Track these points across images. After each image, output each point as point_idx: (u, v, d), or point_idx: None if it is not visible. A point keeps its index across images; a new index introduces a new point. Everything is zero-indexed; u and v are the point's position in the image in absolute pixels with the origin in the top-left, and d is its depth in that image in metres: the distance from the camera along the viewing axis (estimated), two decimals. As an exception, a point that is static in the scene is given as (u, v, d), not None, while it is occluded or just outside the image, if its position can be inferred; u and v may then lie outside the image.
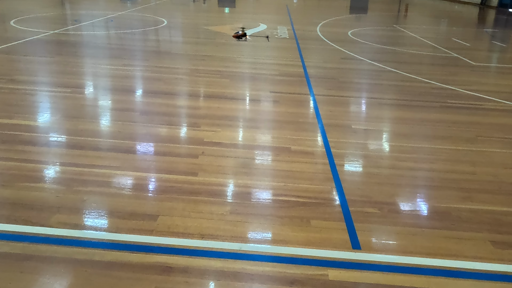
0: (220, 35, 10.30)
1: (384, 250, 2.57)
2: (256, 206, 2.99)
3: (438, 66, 7.79)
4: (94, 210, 2.85)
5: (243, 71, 6.93)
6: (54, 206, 2.87)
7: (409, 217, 2.93)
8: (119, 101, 5.18)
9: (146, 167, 3.50)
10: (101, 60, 7.25)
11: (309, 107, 5.19)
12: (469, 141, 4.28)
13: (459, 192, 3.28)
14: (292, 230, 2.72)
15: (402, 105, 5.39)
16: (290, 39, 10.13)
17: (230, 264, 2.39)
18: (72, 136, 4.06)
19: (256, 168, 3.57)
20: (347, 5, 22.05)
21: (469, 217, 2.94)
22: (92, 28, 10.67)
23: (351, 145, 4.12)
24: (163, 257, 2.42)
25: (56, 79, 5.98)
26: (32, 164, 3.46)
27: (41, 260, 2.36)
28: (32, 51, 7.67)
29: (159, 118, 4.62)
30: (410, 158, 3.87)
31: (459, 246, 2.62)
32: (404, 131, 4.52)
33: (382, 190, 3.27)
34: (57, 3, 16.37)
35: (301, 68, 7.17)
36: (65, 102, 5.03)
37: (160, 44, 9.09)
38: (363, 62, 7.84)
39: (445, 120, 4.88)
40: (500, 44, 10.70)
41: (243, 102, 5.35)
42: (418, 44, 10.00)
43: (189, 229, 2.68)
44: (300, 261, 2.45)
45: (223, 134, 4.24)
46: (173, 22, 12.52)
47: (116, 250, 2.47)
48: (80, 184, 3.18)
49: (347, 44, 9.70)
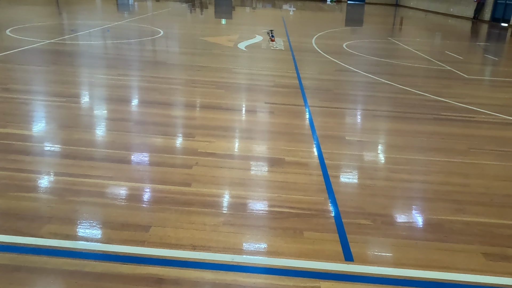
0: (216, 46, 10.38)
1: (377, 262, 2.57)
2: (249, 217, 2.98)
3: (432, 79, 7.88)
4: (86, 221, 2.83)
5: (238, 82, 6.97)
6: (45, 216, 2.85)
7: (402, 229, 2.93)
8: (114, 111, 5.18)
9: (140, 177, 3.49)
10: (97, 70, 7.27)
11: (303, 119, 5.21)
12: (462, 153, 4.31)
13: (452, 204, 3.29)
14: (285, 242, 2.72)
15: (396, 117, 5.44)
16: (285, 51, 10.23)
17: (222, 276, 2.37)
18: (65, 145, 4.04)
19: (250, 179, 3.57)
20: (343, 17, 22.36)
21: (461, 229, 2.95)
22: (89, 37, 10.71)
23: (345, 156, 4.14)
24: (155, 269, 2.40)
25: (51, 89, 5.98)
26: (25, 173, 3.44)
27: (30, 271, 2.33)
28: (27, 60, 7.67)
29: (153, 128, 4.62)
30: (404, 170, 3.89)
31: (452, 258, 2.63)
32: (398, 143, 4.55)
33: (376, 202, 3.27)
34: (54, 12, 16.45)
35: (296, 80, 7.23)
36: (60, 111, 5.03)
37: (156, 54, 9.14)
38: (357, 74, 7.92)
39: (439, 132, 4.93)
40: (492, 58, 10.87)
41: (238, 112, 5.37)
42: (412, 57, 10.13)
43: (181, 240, 2.67)
44: (292, 273, 2.43)
45: (217, 144, 4.24)
46: (169, 32, 12.61)
47: (107, 261, 2.44)
48: (72, 194, 3.15)
49: (342, 56, 9.81)
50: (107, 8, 20.23)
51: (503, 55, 11.63)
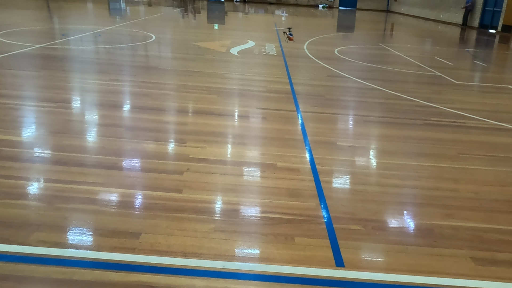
0: (208, 51, 10.39)
1: (368, 267, 2.58)
2: (240, 224, 2.97)
3: (422, 84, 7.98)
4: (76, 228, 2.80)
5: (230, 87, 6.98)
6: (34, 223, 2.81)
7: (393, 234, 2.95)
8: (104, 116, 5.15)
9: (130, 183, 3.47)
10: (88, 75, 7.22)
11: (295, 124, 5.23)
12: (452, 159, 4.36)
13: (442, 209, 3.32)
14: (276, 248, 2.71)
15: (387, 123, 5.49)
16: (277, 56, 10.28)
17: (213, 283, 2.36)
18: (55, 151, 4.00)
19: (242, 184, 3.57)
20: (334, 23, 22.56)
21: (451, 234, 2.98)
22: (80, 42, 10.65)
23: (337, 162, 4.16)
24: (145, 276, 2.38)
25: (41, 94, 5.93)
26: (13, 180, 3.39)
27: (18, 280, 2.29)
28: (17, 65, 7.60)
29: (145, 134, 4.60)
30: (395, 175, 3.92)
31: (441, 263, 2.65)
32: (389, 148, 4.59)
33: (367, 207, 3.29)
34: (45, 17, 16.34)
35: (288, 85, 7.26)
36: (50, 117, 4.98)
37: (148, 59, 9.12)
38: (349, 80, 7.98)
39: (429, 137, 4.98)
40: (481, 64, 11.04)
41: (230, 118, 5.37)
42: (403, 63, 10.24)
43: (172, 247, 2.65)
44: (283, 279, 2.43)
45: (209, 150, 4.23)
46: (162, 37, 12.60)
47: (97, 269, 2.41)
48: (62, 201, 3.12)
49: (334, 62, 9.89)
50: (99, 13, 20.16)
51: (492, 61, 11.82)
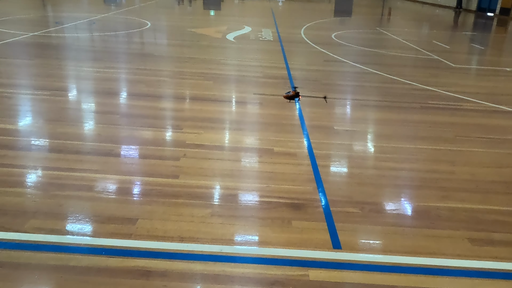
0: (204, 37, 10.27)
1: (365, 249, 2.58)
2: (237, 208, 2.97)
3: (420, 68, 7.92)
4: (72, 215, 2.79)
5: (227, 73, 6.91)
6: (29, 211, 2.80)
7: (390, 217, 2.95)
8: (100, 103, 5.10)
9: (126, 170, 3.45)
10: (83, 63, 7.13)
11: (292, 109, 5.20)
12: (448, 141, 4.35)
13: (439, 191, 3.33)
14: (273, 231, 2.71)
15: (384, 106, 5.46)
16: (274, 42, 10.17)
17: (210, 267, 2.37)
18: (50, 139, 3.97)
19: (239, 169, 3.55)
20: (332, 8, 22.28)
21: (447, 215, 2.98)
22: (75, 30, 10.50)
23: (334, 146, 4.14)
24: (142, 261, 2.38)
25: (36, 82, 5.86)
26: (8, 168, 3.37)
27: (15, 267, 2.29)
28: (11, 54, 7.50)
29: (141, 120, 4.57)
30: (391, 158, 3.91)
31: (438, 244, 2.66)
32: (386, 132, 4.57)
33: (364, 190, 3.29)
34: (38, 5, 16.07)
35: (285, 70, 7.20)
36: (44, 105, 4.93)
37: (144, 46, 9.01)
38: (346, 64, 7.92)
39: (426, 120, 4.96)
40: (479, 47, 10.95)
41: (226, 104, 5.33)
42: (400, 47, 10.15)
43: (168, 232, 2.65)
44: (281, 262, 2.44)
45: (205, 136, 4.21)
46: (157, 24, 12.42)
47: (94, 255, 2.41)
48: (57, 188, 3.10)
49: (331, 46, 9.79)
50: (93, 0, 19.84)
51: (489, 44, 11.73)
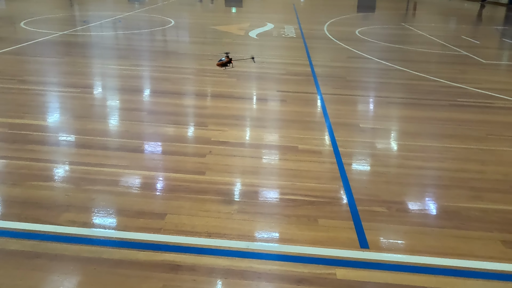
0: (227, 35, 10.31)
1: (393, 249, 2.55)
2: (263, 205, 2.99)
3: (447, 64, 7.71)
4: (103, 209, 2.88)
5: (250, 70, 6.92)
6: (63, 204, 2.90)
7: (418, 216, 2.90)
8: (126, 101, 5.21)
9: (154, 166, 3.52)
10: (109, 61, 7.31)
11: (316, 106, 5.17)
12: (479, 140, 4.22)
13: (469, 191, 3.24)
14: (299, 229, 2.72)
15: (410, 104, 5.35)
16: (297, 38, 10.10)
17: (237, 263, 2.40)
18: (80, 135, 4.10)
19: (263, 167, 3.57)
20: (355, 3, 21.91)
21: (479, 216, 2.91)
22: (101, 29, 10.75)
23: (359, 144, 4.10)
24: (171, 255, 2.43)
25: (65, 80, 6.04)
26: (42, 163, 3.50)
27: (50, 258, 2.39)
28: (41, 52, 7.76)
29: (166, 117, 4.64)
30: (418, 157, 3.84)
31: (469, 245, 2.59)
32: (412, 130, 4.48)
33: (390, 189, 3.24)
34: (66, 4, 16.53)
35: (308, 67, 7.15)
36: (74, 102, 5.08)
37: (167, 44, 9.13)
38: (370, 61, 7.79)
39: (454, 118, 4.83)
40: (510, 42, 10.55)
41: (250, 101, 5.35)
42: (427, 42, 9.90)
43: (196, 227, 2.69)
44: (307, 260, 2.44)
45: (230, 133, 4.24)
46: (180, 22, 12.56)
47: (124, 248, 2.48)
48: (88, 183, 3.20)
49: (355, 42, 9.65)
50: (117, -1, 20.22)
51: (522, 39, 11.27)
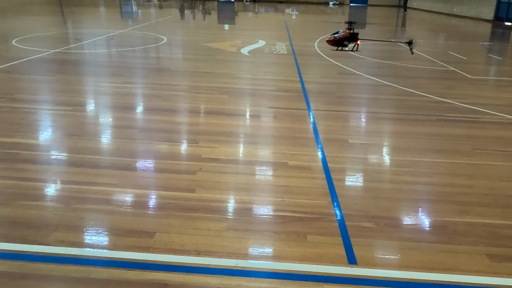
0: (219, 52, 10.45)
1: (381, 265, 2.57)
2: (253, 222, 3.00)
3: (435, 80, 7.87)
4: (92, 228, 2.87)
5: (241, 87, 7.01)
6: (52, 224, 2.89)
7: (406, 231, 2.93)
8: (118, 118, 5.24)
9: (144, 184, 3.53)
10: (102, 78, 7.35)
11: (307, 122, 5.23)
12: (466, 154, 4.30)
13: (456, 205, 3.29)
14: (288, 246, 2.73)
15: (399, 119, 5.44)
16: (288, 55, 10.27)
17: (227, 281, 2.39)
18: (71, 154, 4.10)
19: (254, 183, 3.59)
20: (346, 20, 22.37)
21: (465, 230, 2.95)
22: (94, 46, 10.84)
23: (349, 159, 4.15)
24: (160, 274, 2.43)
25: (57, 98, 6.06)
26: (31, 182, 3.49)
27: (38, 279, 2.37)
28: (33, 70, 7.79)
29: (157, 135, 4.67)
30: (407, 172, 3.89)
31: (456, 260, 2.62)
32: (401, 145, 4.55)
33: (379, 205, 3.28)
34: (59, 22, 16.66)
35: (299, 84, 7.25)
36: (65, 120, 5.10)
37: (160, 61, 9.22)
38: (360, 77, 7.93)
39: (442, 133, 4.92)
40: (496, 57, 10.82)
41: (241, 118, 5.41)
42: (416, 58, 10.11)
43: (185, 245, 2.69)
44: (296, 276, 2.45)
45: (221, 150, 4.27)
46: (173, 39, 12.71)
47: (114, 268, 2.47)
48: (78, 201, 3.20)
49: (345, 59, 9.83)
50: (111, 16, 20.45)
51: (508, 55, 11.57)
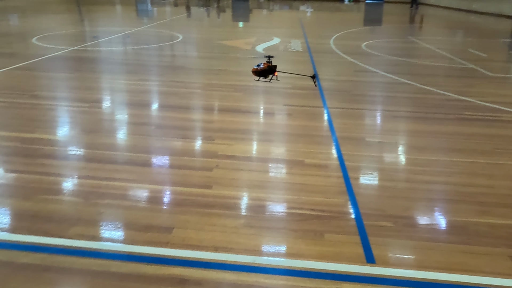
0: (234, 49, 10.46)
1: (399, 264, 2.54)
2: (269, 219, 3.00)
3: (454, 78, 7.72)
4: (111, 222, 2.91)
5: (256, 84, 7.00)
6: (72, 218, 2.95)
7: (425, 231, 2.89)
8: (135, 115, 5.30)
9: (161, 180, 3.56)
10: (118, 75, 7.45)
11: (322, 120, 5.20)
12: (486, 154, 4.21)
13: (476, 206, 3.22)
14: (305, 244, 2.72)
15: (416, 118, 5.36)
16: (303, 52, 10.21)
17: (244, 277, 2.40)
18: (90, 149, 4.17)
19: (270, 181, 3.59)
20: (361, 17, 22.13)
21: (486, 231, 2.89)
22: (110, 44, 10.99)
23: (365, 158, 4.11)
24: (178, 269, 2.45)
25: (75, 95, 6.17)
26: (52, 177, 3.56)
27: (59, 271, 2.42)
28: (52, 68, 7.94)
29: (174, 131, 4.71)
30: (425, 171, 3.83)
31: (476, 261, 2.57)
32: (419, 144, 4.48)
33: (397, 204, 3.24)
34: (76, 20, 16.94)
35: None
36: (84, 116, 5.18)
37: (175, 59, 9.29)
38: (377, 75, 7.83)
39: (461, 132, 4.82)
40: (517, 55, 10.53)
41: (256, 115, 5.41)
42: (433, 56, 9.94)
43: (203, 241, 2.71)
44: (313, 274, 2.44)
45: (237, 147, 4.28)
46: (188, 37, 12.78)
47: (132, 262, 2.51)
48: (97, 197, 3.25)
49: (361, 56, 9.72)
50: (127, 15, 20.69)
51: (529, 52, 11.26)
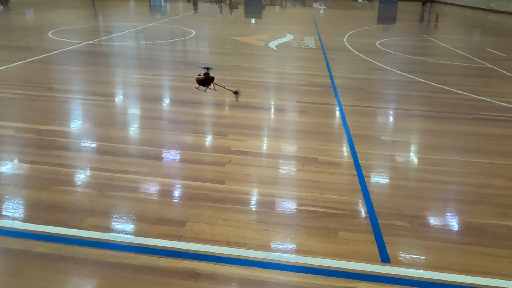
0: (247, 46, 10.43)
1: (415, 264, 2.50)
2: (282, 216, 2.98)
3: (471, 77, 7.57)
4: (125, 215, 2.93)
5: (269, 81, 6.97)
6: (87, 209, 2.97)
7: (441, 232, 2.84)
8: (148, 109, 5.32)
9: (174, 174, 3.57)
10: (132, 70, 7.49)
11: (336, 118, 5.15)
12: (505, 155, 4.12)
13: (495, 207, 3.15)
14: (319, 241, 2.70)
15: (432, 117, 5.27)
16: (316, 49, 10.13)
17: (257, 273, 2.39)
18: (104, 142, 4.20)
19: (283, 177, 3.57)
20: (375, 15, 21.87)
21: (506, 234, 2.82)
22: (124, 39, 11.05)
23: (380, 156, 4.05)
24: (191, 263, 2.45)
25: (90, 88, 6.22)
26: (67, 168, 3.60)
27: (74, 261, 2.44)
28: (68, 61, 8.02)
29: (187, 126, 4.71)
30: (441, 171, 3.77)
31: (495, 263, 2.52)
32: (435, 143, 4.41)
33: (412, 203, 3.19)
34: (91, 15, 17.09)
35: (328, 79, 7.15)
36: (98, 110, 5.22)
37: (188, 54, 9.30)
38: (391, 73, 7.73)
39: (479, 132, 4.73)
40: (536, 55, 10.28)
41: (269, 111, 5.38)
42: (450, 54, 9.77)
43: (216, 236, 2.71)
44: (327, 272, 2.41)
45: (249, 143, 4.27)
46: (200, 33, 12.79)
47: (146, 254, 2.52)
48: (111, 189, 3.27)
49: (375, 54, 9.60)
50: (140, 10, 20.80)
51: (549, 52, 10.98)
